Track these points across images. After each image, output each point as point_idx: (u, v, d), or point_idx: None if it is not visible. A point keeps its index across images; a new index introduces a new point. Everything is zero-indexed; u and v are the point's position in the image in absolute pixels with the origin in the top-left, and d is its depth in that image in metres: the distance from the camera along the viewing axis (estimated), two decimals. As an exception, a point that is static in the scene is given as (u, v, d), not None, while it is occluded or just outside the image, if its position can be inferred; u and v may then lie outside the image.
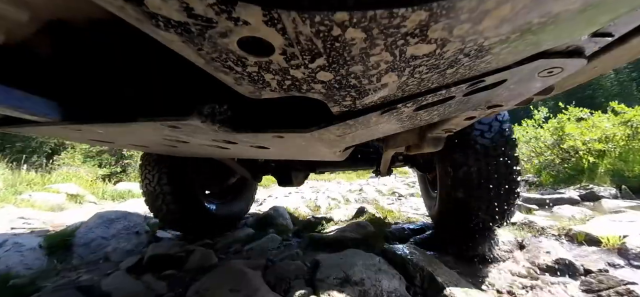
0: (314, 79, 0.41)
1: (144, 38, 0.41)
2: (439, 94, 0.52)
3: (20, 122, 0.79)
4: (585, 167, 5.04)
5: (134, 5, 0.26)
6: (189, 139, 0.89)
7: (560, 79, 0.52)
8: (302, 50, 0.33)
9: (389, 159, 1.72)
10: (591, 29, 0.36)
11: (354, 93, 0.47)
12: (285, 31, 0.29)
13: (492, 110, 0.76)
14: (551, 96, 0.76)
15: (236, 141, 0.88)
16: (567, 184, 4.82)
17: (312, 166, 2.37)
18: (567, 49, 0.44)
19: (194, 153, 1.44)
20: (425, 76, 0.43)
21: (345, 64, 0.36)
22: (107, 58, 0.72)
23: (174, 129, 0.74)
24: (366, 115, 0.58)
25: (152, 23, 0.29)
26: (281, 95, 0.47)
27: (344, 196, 4.99)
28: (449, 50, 0.34)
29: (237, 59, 0.35)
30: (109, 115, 0.72)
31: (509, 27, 0.30)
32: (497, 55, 0.38)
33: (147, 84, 0.72)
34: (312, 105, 0.57)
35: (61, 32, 0.67)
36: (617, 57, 0.50)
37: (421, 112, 0.65)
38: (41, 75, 0.70)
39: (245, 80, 0.42)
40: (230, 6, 0.25)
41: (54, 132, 0.92)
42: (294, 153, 1.22)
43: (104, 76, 0.73)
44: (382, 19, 0.27)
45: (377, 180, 8.40)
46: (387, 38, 0.30)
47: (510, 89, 0.58)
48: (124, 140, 1.05)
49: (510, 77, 0.49)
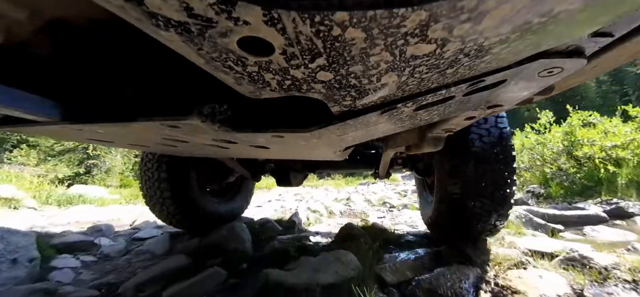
0: (314, 78, 0.41)
1: (144, 38, 0.41)
2: (439, 94, 0.52)
3: (20, 122, 0.79)
4: (602, 177, 4.39)
5: (134, 5, 0.26)
6: (189, 138, 0.89)
7: (561, 79, 0.52)
8: (302, 50, 0.33)
9: (388, 160, 1.71)
10: (591, 28, 0.36)
11: (354, 93, 0.47)
12: (285, 31, 0.29)
13: (492, 110, 0.76)
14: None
15: (236, 141, 0.88)
16: (583, 197, 4.18)
17: (311, 167, 2.37)
18: (567, 49, 0.44)
19: (194, 153, 1.44)
20: (425, 76, 0.43)
21: (345, 64, 0.36)
22: (107, 58, 0.72)
23: (174, 129, 0.74)
24: (366, 115, 0.58)
25: (152, 23, 0.29)
26: (281, 95, 0.47)
27: (328, 206, 4.18)
28: (449, 50, 0.34)
29: (237, 59, 0.35)
30: (109, 115, 0.72)
31: (509, 27, 0.30)
32: (497, 55, 0.38)
33: (147, 84, 0.73)
34: (312, 105, 0.57)
35: (61, 32, 0.67)
36: (617, 57, 0.50)
37: (421, 112, 0.65)
38: (41, 75, 0.70)
39: (245, 80, 0.42)
40: (230, 6, 0.25)
41: (54, 132, 0.92)
42: (294, 153, 1.22)
43: (104, 76, 0.73)
44: (382, 19, 0.27)
45: (367, 188, 8.06)
46: (387, 38, 0.30)
47: (510, 89, 0.58)
48: (124, 140, 1.05)
49: (510, 77, 0.49)
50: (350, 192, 6.97)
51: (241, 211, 3.02)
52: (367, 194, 6.42)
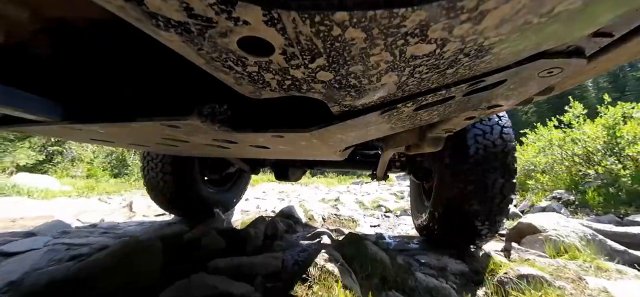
0: (314, 78, 0.41)
1: (144, 38, 0.41)
2: (439, 94, 0.52)
3: (20, 122, 0.79)
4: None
5: (134, 5, 0.26)
6: (189, 138, 0.89)
7: (560, 79, 0.52)
8: (302, 50, 0.33)
9: (387, 161, 1.72)
10: (591, 28, 0.36)
11: (354, 93, 0.47)
12: (285, 31, 0.29)
13: (492, 110, 0.76)
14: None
15: (236, 141, 0.88)
16: (636, 207, 3.24)
17: (310, 164, 2.40)
18: (567, 49, 0.43)
19: (194, 152, 1.44)
20: (425, 76, 0.43)
21: (345, 64, 0.36)
22: (107, 58, 0.72)
23: (174, 129, 0.74)
24: (366, 115, 0.58)
25: (152, 23, 0.29)
26: (281, 95, 0.47)
27: (309, 210, 3.30)
28: (449, 50, 0.34)
29: (237, 59, 0.35)
30: (109, 115, 0.72)
31: (509, 27, 0.30)
32: (497, 55, 0.38)
33: (147, 84, 0.73)
34: (312, 105, 0.57)
35: (61, 32, 0.67)
36: (617, 57, 0.50)
37: (421, 112, 0.65)
38: (41, 75, 0.70)
39: (245, 80, 0.42)
40: (230, 6, 0.25)
41: (54, 132, 0.92)
42: (294, 153, 1.22)
43: (104, 76, 0.73)
44: (382, 19, 0.27)
45: (359, 187, 7.62)
46: (387, 38, 0.30)
47: (510, 89, 0.58)
48: (124, 139, 1.05)
49: (510, 77, 0.49)
50: (341, 192, 6.32)
51: (236, 200, 3.13)
52: (359, 195, 5.78)
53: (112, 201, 4.16)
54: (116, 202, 4.03)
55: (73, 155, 8.23)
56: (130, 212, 3.28)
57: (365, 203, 4.59)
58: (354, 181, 10.34)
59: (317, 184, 8.55)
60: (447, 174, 1.69)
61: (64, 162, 7.86)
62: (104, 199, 4.26)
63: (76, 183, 5.99)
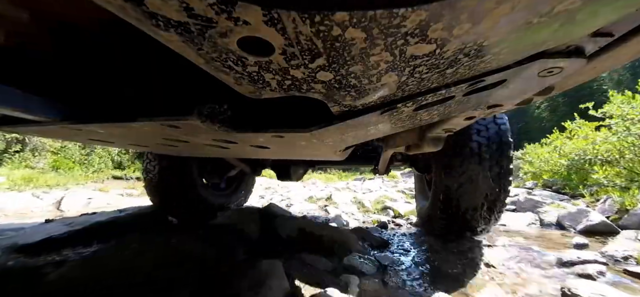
0: (314, 78, 0.41)
1: (144, 38, 0.41)
2: (438, 93, 0.52)
3: (20, 122, 0.79)
4: None
5: (134, 5, 0.26)
6: (189, 138, 0.89)
7: (561, 78, 0.52)
8: (302, 50, 0.33)
9: (387, 158, 1.74)
10: (591, 28, 0.36)
11: (354, 93, 0.47)
12: (285, 31, 0.29)
13: (492, 110, 0.76)
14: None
15: (236, 141, 0.88)
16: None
17: (311, 162, 2.41)
18: (567, 48, 0.43)
19: (194, 153, 1.44)
20: (425, 76, 0.43)
21: (345, 64, 0.36)
22: (107, 58, 0.72)
23: (174, 129, 0.74)
24: (366, 115, 0.58)
25: (152, 23, 0.29)
26: (281, 95, 0.47)
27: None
28: (448, 50, 0.34)
29: (237, 59, 0.35)
30: (109, 115, 0.72)
31: (509, 27, 0.30)
32: (497, 55, 0.38)
33: (147, 84, 0.73)
34: (312, 105, 0.57)
35: (61, 32, 0.67)
36: (617, 57, 0.50)
37: (421, 112, 0.65)
38: (41, 75, 0.70)
39: (245, 80, 0.42)
40: (230, 6, 0.25)
41: (54, 132, 0.92)
42: (294, 153, 1.22)
43: (104, 76, 0.73)
44: (382, 19, 0.27)
45: (361, 184, 7.06)
46: (387, 38, 0.30)
47: (510, 89, 0.58)
48: (124, 140, 1.05)
49: (510, 77, 0.49)
50: (338, 188, 5.34)
51: (241, 203, 3.07)
52: (359, 193, 4.74)
53: (48, 196, 3.59)
54: (52, 197, 3.53)
55: (33, 144, 7.18)
56: (57, 211, 2.99)
57: (366, 204, 3.62)
58: (356, 177, 10.00)
59: (313, 180, 7.87)
60: (444, 167, 1.76)
61: (26, 151, 7.00)
62: (38, 194, 3.68)
63: (12, 174, 5.27)
